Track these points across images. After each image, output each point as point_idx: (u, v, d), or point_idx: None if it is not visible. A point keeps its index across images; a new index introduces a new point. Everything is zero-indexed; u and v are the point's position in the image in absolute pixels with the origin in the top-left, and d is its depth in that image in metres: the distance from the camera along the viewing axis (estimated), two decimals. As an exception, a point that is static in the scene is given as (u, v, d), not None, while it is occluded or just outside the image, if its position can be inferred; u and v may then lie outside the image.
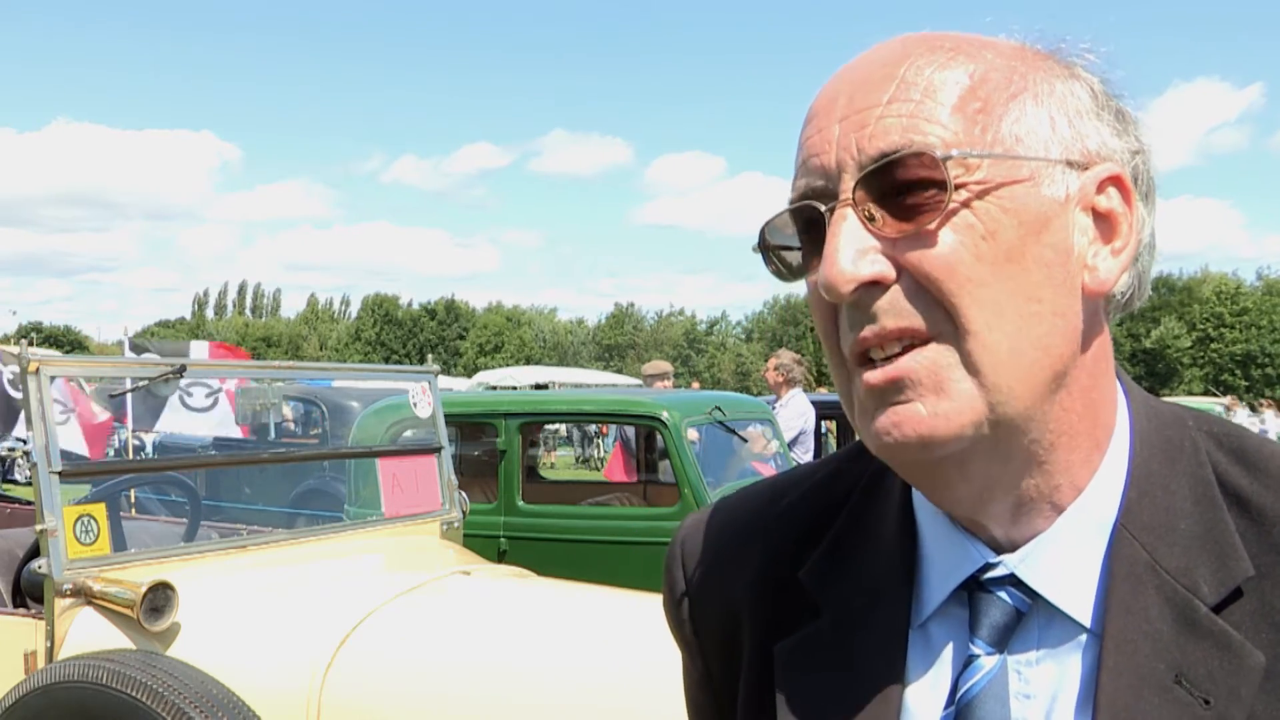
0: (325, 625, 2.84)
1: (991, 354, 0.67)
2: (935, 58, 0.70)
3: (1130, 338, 59.19)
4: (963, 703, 0.72)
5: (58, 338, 72.83)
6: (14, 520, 4.93)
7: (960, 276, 0.67)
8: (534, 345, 74.16)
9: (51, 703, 2.74)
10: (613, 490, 6.70)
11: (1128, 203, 0.72)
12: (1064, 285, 0.69)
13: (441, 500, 4.08)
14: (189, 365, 3.53)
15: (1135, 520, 0.71)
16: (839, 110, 0.71)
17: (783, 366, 7.25)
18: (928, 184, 0.67)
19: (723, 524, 0.90)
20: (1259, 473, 0.72)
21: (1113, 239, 0.72)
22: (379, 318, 77.42)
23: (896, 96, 0.69)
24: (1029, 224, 0.68)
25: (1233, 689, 0.66)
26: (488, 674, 2.72)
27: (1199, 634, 0.68)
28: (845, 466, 0.86)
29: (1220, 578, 0.69)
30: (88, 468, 4.55)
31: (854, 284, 0.67)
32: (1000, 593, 0.73)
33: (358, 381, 10.07)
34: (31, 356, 3.01)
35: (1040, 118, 0.70)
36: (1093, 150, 0.71)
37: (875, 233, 0.68)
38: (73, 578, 2.89)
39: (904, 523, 0.79)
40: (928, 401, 0.68)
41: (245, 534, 3.98)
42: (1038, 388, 0.68)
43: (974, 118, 0.68)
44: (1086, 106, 0.72)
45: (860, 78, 0.71)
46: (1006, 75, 0.70)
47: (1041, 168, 0.69)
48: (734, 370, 67.10)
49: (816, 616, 0.79)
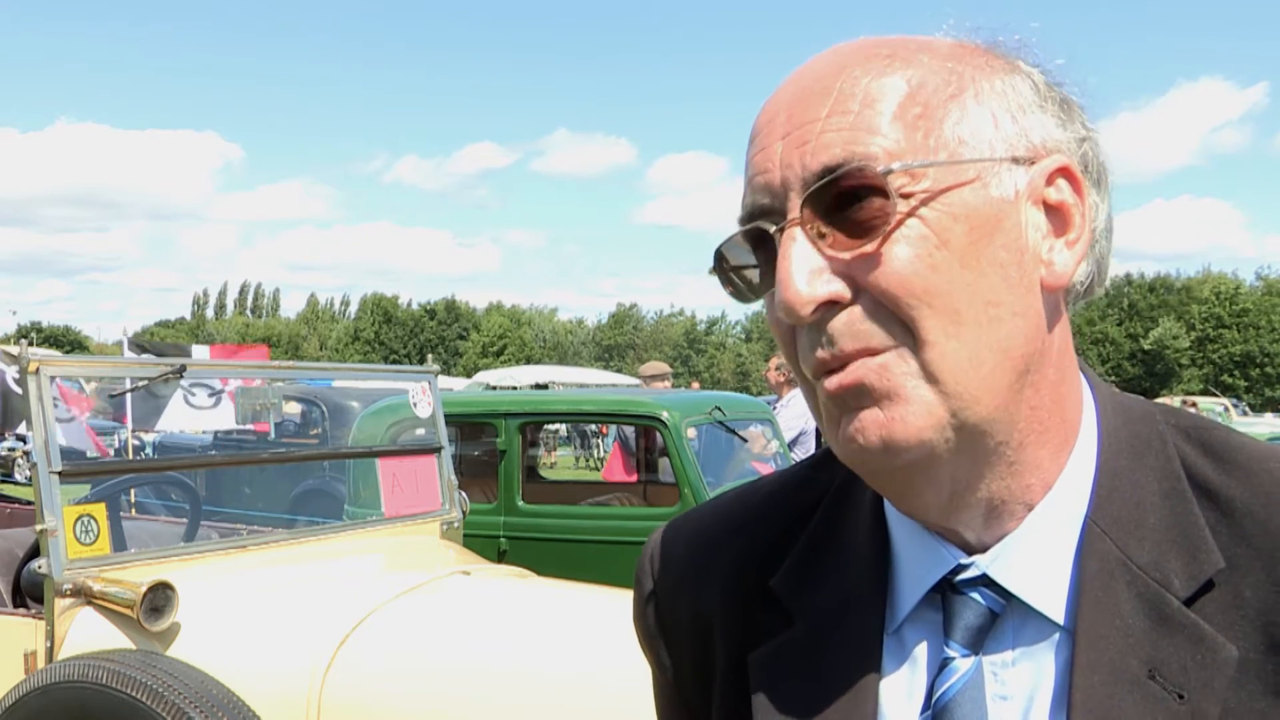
0: (325, 625, 2.84)
1: (950, 362, 0.66)
2: (871, 65, 0.69)
3: (1129, 338, 59.20)
4: (939, 706, 0.71)
5: (57, 338, 72.90)
6: (14, 520, 4.92)
7: (917, 290, 0.66)
8: (534, 345, 74.12)
9: (51, 703, 2.74)
10: (613, 490, 6.70)
11: (1078, 192, 0.71)
12: (1021, 284, 0.68)
13: (441, 500, 4.08)
14: (188, 365, 3.53)
15: (1105, 515, 0.71)
16: (780, 127, 0.70)
17: (784, 366, 7.26)
18: (874, 195, 0.66)
19: (692, 534, 0.89)
20: (1227, 465, 0.72)
21: (1066, 231, 0.71)
22: (378, 318, 77.38)
23: (835, 109, 0.68)
24: (980, 227, 0.67)
25: (1206, 682, 0.66)
26: (488, 674, 2.72)
27: (1171, 628, 0.68)
28: (814, 474, 0.86)
29: (1191, 571, 0.69)
30: (88, 468, 4.55)
31: (811, 305, 0.67)
32: (973, 594, 0.72)
33: (358, 381, 10.06)
34: (31, 356, 3.01)
35: (982, 116, 0.69)
36: (1037, 143, 0.70)
37: (826, 252, 0.68)
38: (73, 578, 2.89)
39: (875, 528, 0.78)
40: (885, 406, 0.67)
41: (245, 534, 3.98)
42: (1001, 390, 0.68)
43: (914, 124, 0.67)
44: (1028, 100, 0.71)
45: (798, 92, 0.71)
46: (945, 77, 0.69)
47: (987, 168, 0.68)
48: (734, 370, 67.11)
49: (790, 625, 0.79)
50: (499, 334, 72.71)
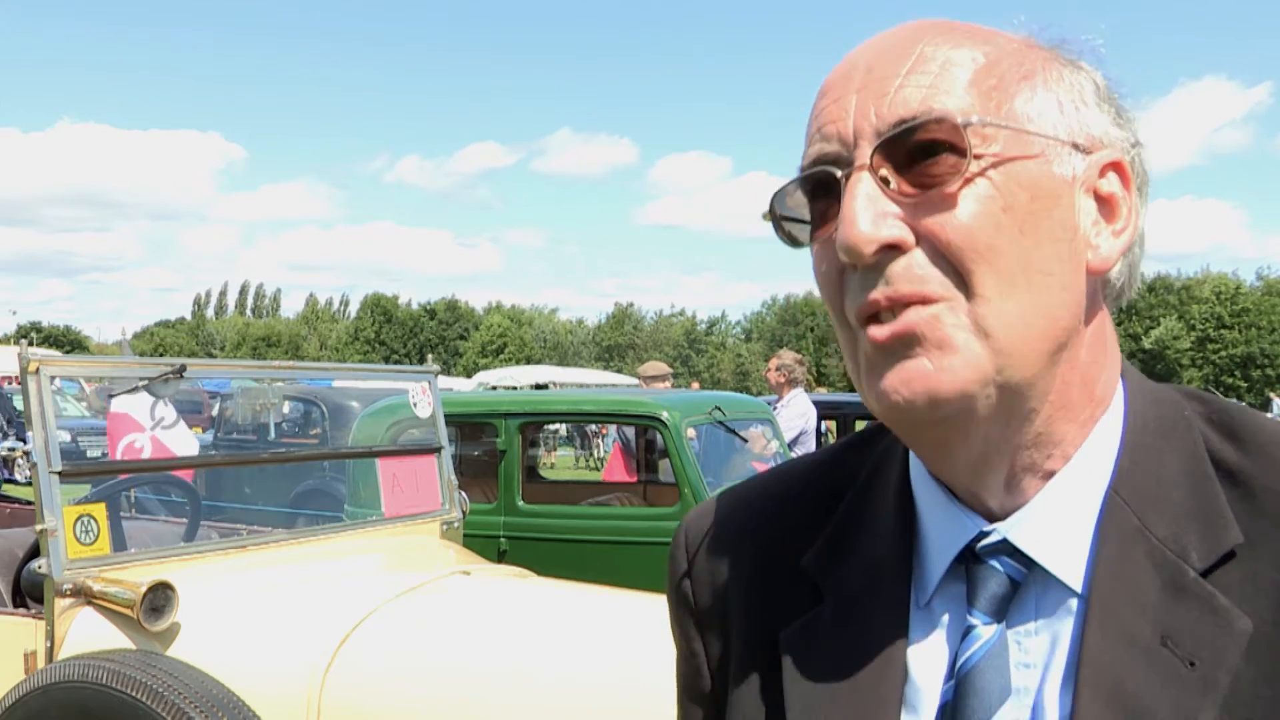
0: (325, 625, 2.84)
1: (1002, 318, 0.68)
2: (952, 37, 0.72)
3: (1130, 338, 59.18)
4: (962, 673, 0.73)
5: (57, 338, 72.89)
6: (14, 520, 4.92)
7: (980, 245, 0.68)
8: (534, 345, 74.09)
9: (51, 703, 2.74)
10: (613, 490, 6.70)
11: (1127, 188, 0.75)
12: (1071, 261, 0.71)
13: (441, 500, 4.08)
14: (189, 365, 3.53)
15: (1127, 487, 0.73)
16: (856, 80, 0.72)
17: (784, 367, 7.27)
18: (947, 150, 0.68)
19: (727, 512, 0.91)
20: (1247, 446, 0.74)
21: (1113, 221, 0.74)
22: (378, 318, 77.36)
23: (915, 69, 0.71)
24: (1041, 198, 0.70)
25: (1219, 652, 0.66)
26: (488, 674, 2.72)
27: (1186, 597, 0.69)
28: (847, 456, 0.88)
29: (1209, 544, 0.70)
30: (88, 468, 4.55)
31: (875, 245, 0.68)
32: (994, 562, 0.74)
33: (358, 381, 10.06)
34: (31, 356, 3.00)
35: (1049, 100, 0.72)
36: (1096, 136, 0.73)
37: (893, 197, 0.69)
38: (73, 578, 2.89)
39: (902, 505, 0.80)
40: (934, 357, 0.68)
41: (245, 534, 3.97)
42: (1042, 356, 0.70)
43: (989, 93, 0.70)
44: (1090, 96, 0.74)
45: (878, 51, 0.73)
46: (1018, 59, 0.73)
47: (1051, 146, 0.71)
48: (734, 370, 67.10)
49: (820, 602, 0.80)
50: (499, 334, 72.67)
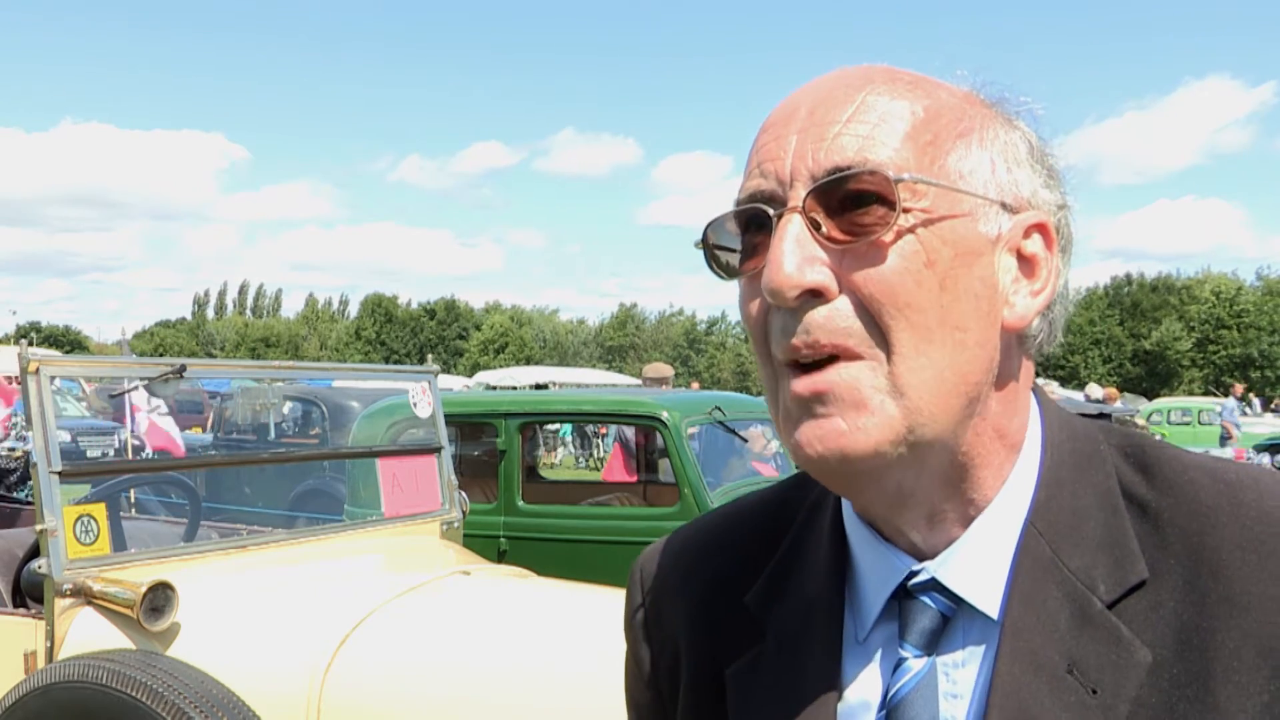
0: (325, 625, 2.84)
1: (917, 377, 0.71)
2: (895, 88, 0.74)
3: (1131, 338, 59.20)
4: (893, 703, 0.76)
5: (57, 337, 72.90)
6: (14, 520, 4.92)
7: (900, 300, 0.70)
8: (534, 345, 74.09)
9: (51, 703, 2.74)
10: (613, 490, 6.70)
11: (1050, 249, 0.77)
12: (987, 317, 0.74)
13: (441, 500, 4.08)
14: (189, 365, 3.53)
15: (1043, 520, 0.76)
16: (798, 122, 0.74)
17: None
18: (878, 201, 0.70)
19: (677, 551, 0.94)
20: (1154, 478, 0.77)
21: (1033, 279, 0.77)
22: (379, 317, 77.39)
23: (855, 117, 0.73)
24: (964, 256, 0.72)
25: (1119, 682, 0.69)
26: (488, 674, 2.72)
27: (1093, 628, 0.72)
28: (791, 495, 0.91)
29: (1116, 577, 0.73)
30: (88, 468, 4.55)
31: (798, 290, 0.70)
32: (925, 599, 0.76)
33: (358, 381, 10.07)
34: (31, 356, 3.00)
35: (982, 159, 0.75)
36: (1025, 197, 0.76)
37: (821, 242, 0.71)
38: (73, 578, 2.89)
39: (836, 543, 0.83)
40: (849, 417, 0.71)
41: (245, 534, 3.98)
42: (954, 412, 0.72)
43: (924, 149, 0.72)
44: (1023, 157, 0.77)
45: (822, 95, 0.75)
46: (957, 115, 0.75)
47: (980, 205, 0.73)
48: (734, 370, 67.10)
49: (762, 639, 0.83)
50: (499, 333, 72.68)
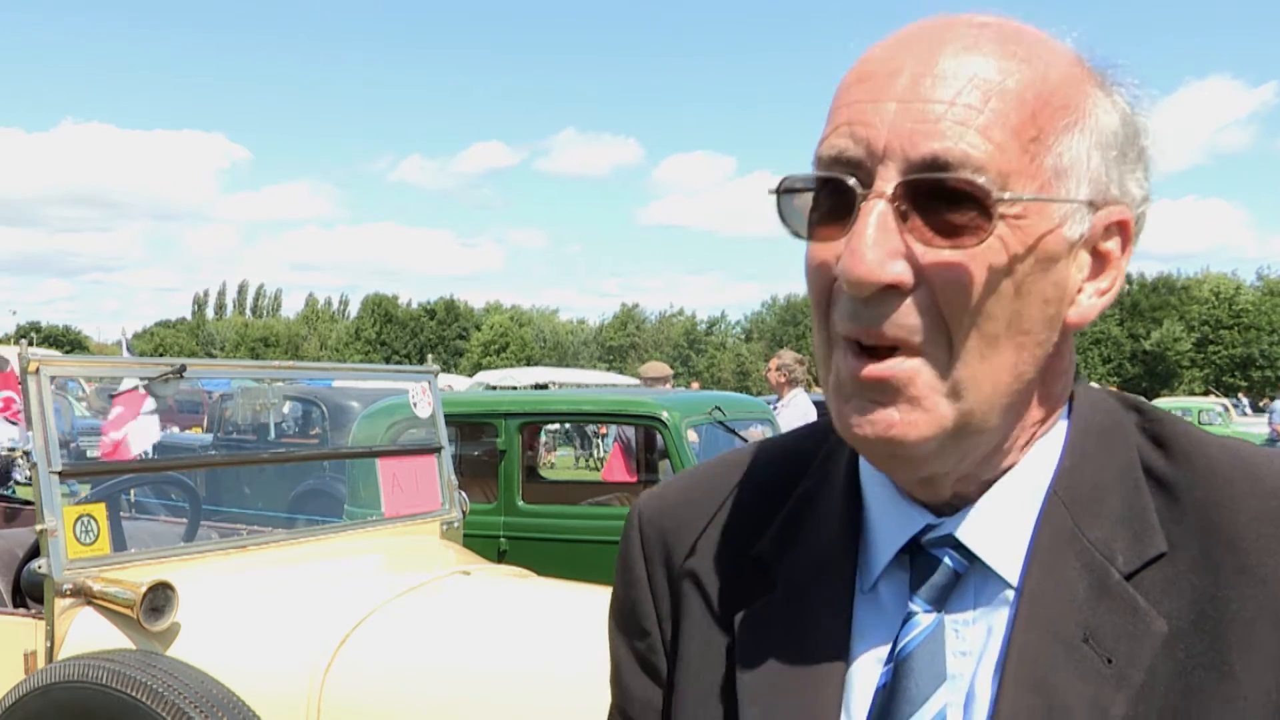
0: (325, 625, 2.84)
1: (975, 381, 0.71)
2: (1006, 63, 0.70)
3: (1131, 339, 59.17)
4: (900, 657, 0.76)
5: (57, 338, 72.90)
6: (14, 520, 4.92)
7: (973, 308, 0.69)
8: (534, 346, 74.05)
9: (51, 703, 2.74)
10: (613, 490, 6.70)
11: (1124, 249, 0.75)
12: (1053, 320, 0.73)
13: (441, 500, 4.08)
14: (189, 365, 3.53)
15: (1065, 489, 0.76)
16: (899, 87, 0.70)
17: (785, 367, 7.28)
18: (972, 205, 0.68)
19: (683, 496, 0.92)
20: (1172, 452, 0.77)
21: (1100, 279, 0.75)
22: (379, 317, 77.36)
23: (960, 99, 0.69)
24: (1043, 262, 0.71)
25: (1134, 651, 0.70)
26: (488, 674, 2.72)
27: (1110, 598, 0.72)
28: (802, 445, 0.90)
29: (1136, 549, 0.73)
30: (88, 468, 4.55)
31: (878, 285, 0.69)
32: (939, 554, 0.77)
33: (358, 381, 10.06)
34: (31, 356, 3.00)
35: (1080, 152, 0.71)
36: (1114, 193, 0.74)
37: (905, 236, 0.69)
38: (73, 578, 2.89)
39: (850, 494, 0.83)
40: (902, 409, 0.71)
41: (245, 534, 3.98)
42: (1004, 410, 0.73)
43: (1027, 146, 0.69)
44: (1119, 143, 0.74)
45: (930, 59, 0.70)
46: (1064, 99, 0.71)
47: (1070, 212, 0.71)
48: (734, 370, 67.09)
49: (772, 586, 0.83)
50: (499, 334, 72.65)
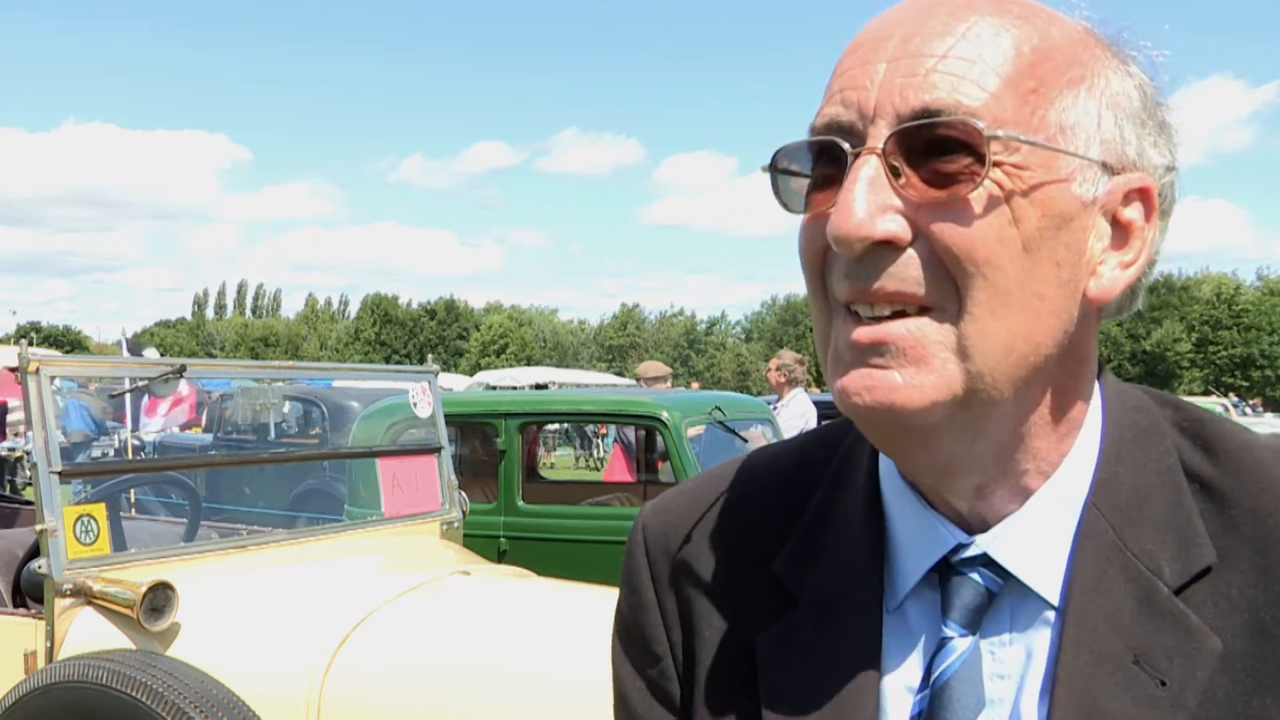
0: (325, 625, 2.84)
1: (985, 340, 0.66)
2: (1002, 20, 0.67)
3: (1130, 339, 59.13)
4: (937, 685, 0.72)
5: (57, 338, 72.86)
6: (14, 520, 4.92)
7: (980, 256, 0.65)
8: (534, 346, 74.01)
9: (51, 703, 2.74)
10: (613, 490, 6.69)
11: (1148, 218, 0.71)
12: (1069, 286, 0.68)
13: (441, 500, 4.08)
14: (189, 365, 3.53)
15: (1104, 500, 0.72)
16: (889, 49, 0.67)
17: (785, 367, 7.27)
18: (965, 151, 0.64)
19: (689, 509, 0.86)
20: (1216, 455, 0.73)
21: (1124, 250, 0.71)
22: (378, 317, 77.34)
23: (952, 52, 0.66)
24: (1053, 218, 0.66)
25: (1189, 672, 0.66)
26: (488, 674, 2.72)
27: (1160, 616, 0.68)
28: (813, 452, 0.85)
29: (1184, 561, 0.69)
30: (88, 468, 4.55)
31: (866, 241, 0.65)
32: (972, 574, 0.72)
33: (358, 381, 10.05)
34: (31, 356, 3.00)
35: (1089, 111, 0.68)
36: (1130, 157, 0.69)
37: (898, 190, 0.65)
38: (73, 578, 2.89)
39: (871, 506, 0.78)
40: (906, 372, 0.66)
41: (245, 534, 3.97)
42: (1016, 381, 0.67)
43: (1026, 97, 0.66)
44: (1135, 110, 0.70)
45: (920, 19, 0.68)
46: (1067, 58, 0.68)
47: (1079, 166, 0.67)
48: (734, 370, 67.06)
49: (793, 606, 0.78)
50: (499, 334, 72.61)
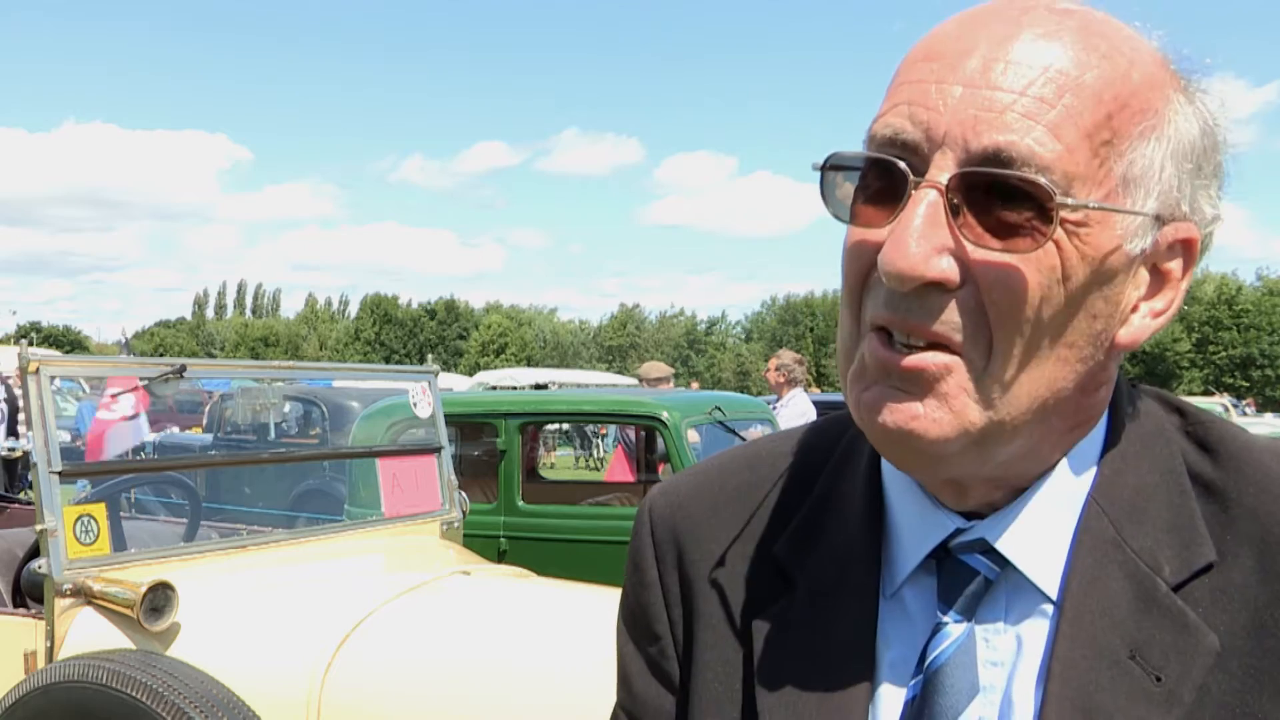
0: (325, 625, 2.84)
1: (1009, 390, 0.66)
2: (1088, 56, 0.66)
3: (1130, 338, 59.02)
4: (931, 669, 0.72)
5: (57, 338, 72.89)
6: (14, 520, 4.92)
7: (1022, 314, 0.65)
8: (534, 346, 74.01)
9: (51, 703, 2.74)
10: (613, 490, 6.70)
11: (1186, 270, 0.70)
12: (1100, 336, 0.68)
13: (441, 500, 4.08)
14: (189, 365, 3.53)
15: (1106, 496, 0.72)
16: (968, 70, 0.66)
17: (784, 367, 7.28)
18: (1031, 206, 0.64)
19: (694, 495, 0.88)
20: (1219, 457, 0.73)
21: (1157, 298, 0.70)
22: (378, 317, 77.37)
23: (1032, 90, 0.64)
24: (1100, 275, 0.66)
25: (1185, 668, 0.67)
26: (488, 674, 2.72)
27: (1157, 612, 0.68)
28: (814, 440, 0.86)
29: (1183, 559, 0.70)
30: (88, 468, 4.55)
31: (918, 282, 0.65)
32: (969, 560, 0.73)
33: (358, 381, 10.05)
34: (31, 356, 3.00)
35: (1154, 161, 0.67)
36: (1183, 210, 0.69)
37: (955, 231, 0.65)
38: (73, 578, 2.89)
39: (872, 493, 0.79)
40: (929, 404, 0.67)
41: (245, 534, 3.97)
42: (1034, 420, 0.68)
43: (1099, 150, 0.65)
44: (1196, 156, 0.69)
45: (1005, 42, 0.66)
46: (1143, 105, 0.67)
47: (1136, 225, 0.67)
48: (734, 370, 67.07)
49: (792, 588, 0.79)
50: (497, 334, 72.61)
